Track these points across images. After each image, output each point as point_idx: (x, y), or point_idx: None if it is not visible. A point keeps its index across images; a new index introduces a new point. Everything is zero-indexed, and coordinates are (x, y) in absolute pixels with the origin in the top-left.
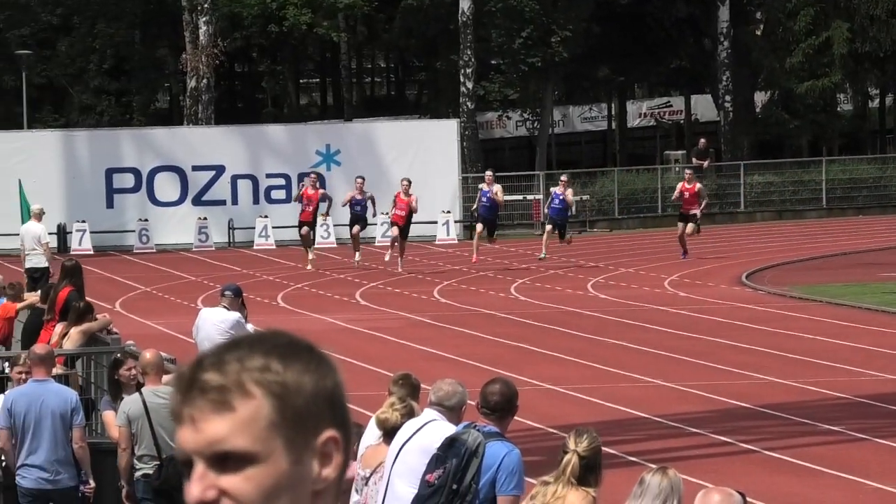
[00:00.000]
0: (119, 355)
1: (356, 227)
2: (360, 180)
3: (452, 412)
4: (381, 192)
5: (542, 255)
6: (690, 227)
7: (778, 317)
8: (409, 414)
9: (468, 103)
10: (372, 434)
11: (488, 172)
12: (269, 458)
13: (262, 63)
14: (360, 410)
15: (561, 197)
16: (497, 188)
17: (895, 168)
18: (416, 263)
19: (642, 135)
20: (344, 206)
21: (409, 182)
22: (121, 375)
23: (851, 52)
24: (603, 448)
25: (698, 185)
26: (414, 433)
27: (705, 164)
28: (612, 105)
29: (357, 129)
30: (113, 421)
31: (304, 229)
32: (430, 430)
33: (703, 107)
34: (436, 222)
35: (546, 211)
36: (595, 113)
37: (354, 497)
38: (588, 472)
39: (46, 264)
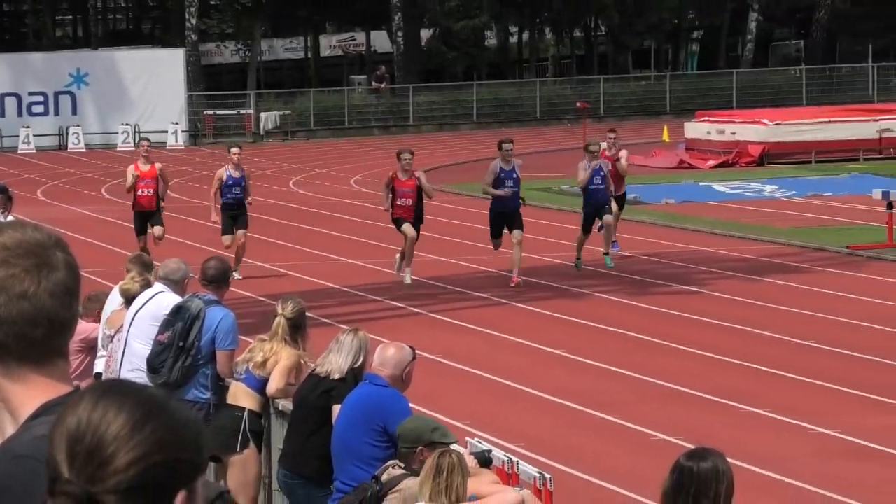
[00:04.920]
0: None
1: (240, 231)
2: (235, 150)
3: (177, 284)
4: (125, 111)
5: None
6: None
7: (439, 209)
8: (146, 285)
9: (192, 35)
10: (116, 301)
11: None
12: None
13: (25, 3)
14: (102, 282)
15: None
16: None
17: (530, 90)
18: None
19: (332, 63)
20: (215, 192)
21: (412, 153)
22: None
23: None
24: (306, 312)
25: (624, 153)
26: (146, 302)
27: (382, 86)
28: (308, 38)
29: (102, 56)
30: None
31: (143, 239)
32: (158, 300)
33: (381, 41)
34: (166, 131)
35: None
36: (295, 44)
37: (102, 352)
38: (295, 331)
39: None
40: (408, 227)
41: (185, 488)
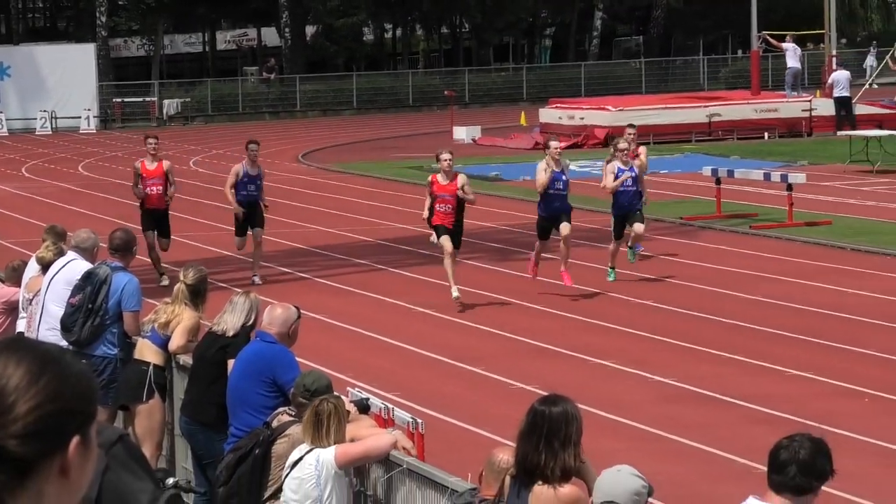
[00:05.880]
0: None
1: (256, 229)
2: (254, 147)
3: (87, 252)
4: (42, 99)
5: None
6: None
7: (324, 185)
8: (60, 254)
9: (102, 32)
10: (33, 268)
11: (554, 143)
12: None
13: None
14: (22, 251)
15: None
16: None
17: (403, 80)
18: (67, 147)
19: (228, 55)
20: (232, 188)
21: (452, 155)
22: None
23: None
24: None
25: (643, 149)
26: (60, 268)
27: (272, 76)
28: (206, 34)
29: (22, 50)
30: None
31: (150, 235)
32: (71, 266)
33: (271, 36)
34: (80, 117)
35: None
36: (194, 39)
37: (22, 314)
38: (195, 296)
39: None
40: (445, 240)
41: (78, 434)
